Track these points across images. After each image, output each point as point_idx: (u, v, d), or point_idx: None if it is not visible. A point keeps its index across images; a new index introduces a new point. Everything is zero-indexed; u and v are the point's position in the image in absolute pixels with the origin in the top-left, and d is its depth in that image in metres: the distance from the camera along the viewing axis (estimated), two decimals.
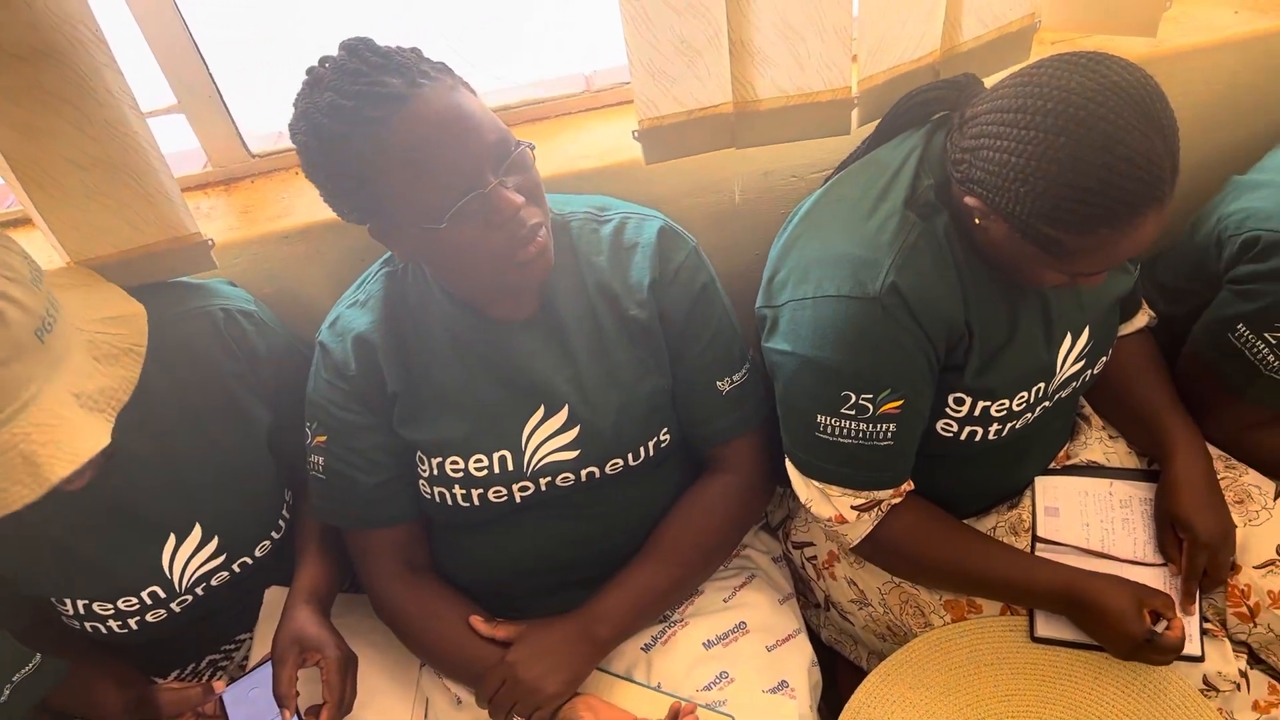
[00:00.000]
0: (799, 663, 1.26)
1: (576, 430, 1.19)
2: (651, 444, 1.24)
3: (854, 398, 1.11)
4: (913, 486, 1.22)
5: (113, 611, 1.23)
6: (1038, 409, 1.23)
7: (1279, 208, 1.23)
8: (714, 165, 1.40)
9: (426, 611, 1.24)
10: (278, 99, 1.12)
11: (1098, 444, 1.40)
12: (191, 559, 1.24)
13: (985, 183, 1.01)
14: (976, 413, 1.18)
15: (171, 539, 1.22)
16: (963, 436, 1.21)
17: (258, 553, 1.29)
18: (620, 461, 1.22)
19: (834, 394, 1.12)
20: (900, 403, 1.12)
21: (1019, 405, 1.20)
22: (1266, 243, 1.22)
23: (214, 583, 1.27)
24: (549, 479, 1.21)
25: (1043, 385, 1.21)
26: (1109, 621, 1.16)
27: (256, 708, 1.20)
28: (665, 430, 1.25)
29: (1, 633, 1.15)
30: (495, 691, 1.15)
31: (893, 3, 1.25)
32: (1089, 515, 1.32)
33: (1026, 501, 1.34)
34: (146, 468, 1.18)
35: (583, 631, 1.19)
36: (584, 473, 1.21)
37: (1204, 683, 1.21)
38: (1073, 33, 1.45)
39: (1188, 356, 1.37)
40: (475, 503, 1.21)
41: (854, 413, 1.12)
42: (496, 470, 1.19)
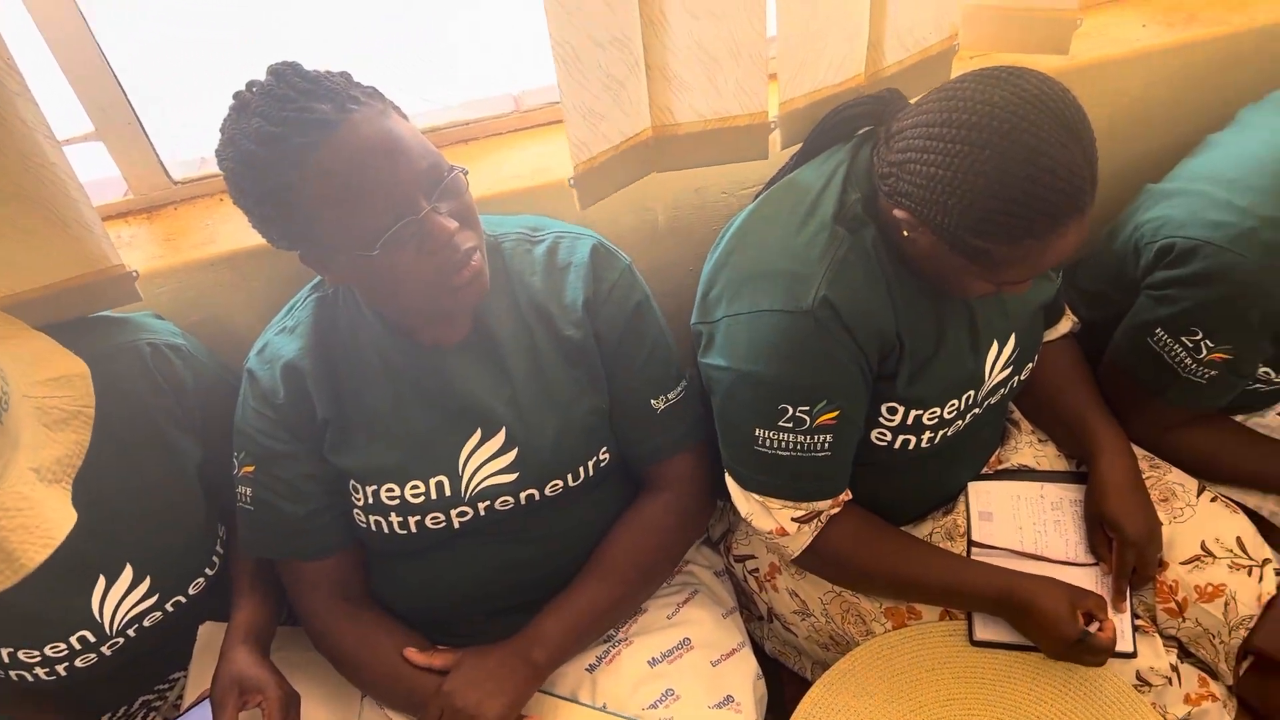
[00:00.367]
0: (744, 677, 1.27)
1: (515, 452, 1.18)
2: (591, 464, 1.23)
3: (791, 410, 1.13)
4: (851, 496, 1.24)
5: (39, 659, 1.18)
6: (968, 416, 1.26)
7: (1191, 215, 1.26)
8: (646, 184, 1.40)
9: (363, 643, 1.22)
10: (201, 124, 1.10)
11: (1028, 448, 1.43)
12: (123, 601, 1.20)
13: (913, 195, 1.03)
14: (909, 421, 1.20)
15: (101, 581, 1.18)
16: (897, 445, 1.23)
17: (192, 590, 1.26)
18: (560, 482, 1.22)
19: (771, 407, 1.13)
20: (836, 413, 1.13)
21: (950, 413, 1.22)
22: (1180, 249, 1.26)
23: (146, 623, 1.23)
24: (488, 503, 1.20)
25: (972, 393, 1.23)
26: (1043, 623, 1.18)
27: None
28: (604, 449, 1.24)
29: None
30: None
31: (811, 28, 1.27)
32: (1022, 518, 1.34)
33: (961, 507, 1.36)
34: (74, 509, 1.14)
35: (520, 655, 1.17)
36: (523, 495, 1.20)
37: (1137, 678, 1.24)
38: (990, 51, 1.48)
39: (1110, 361, 1.41)
40: (413, 530, 1.19)
41: (791, 425, 1.13)
42: (434, 496, 1.18)
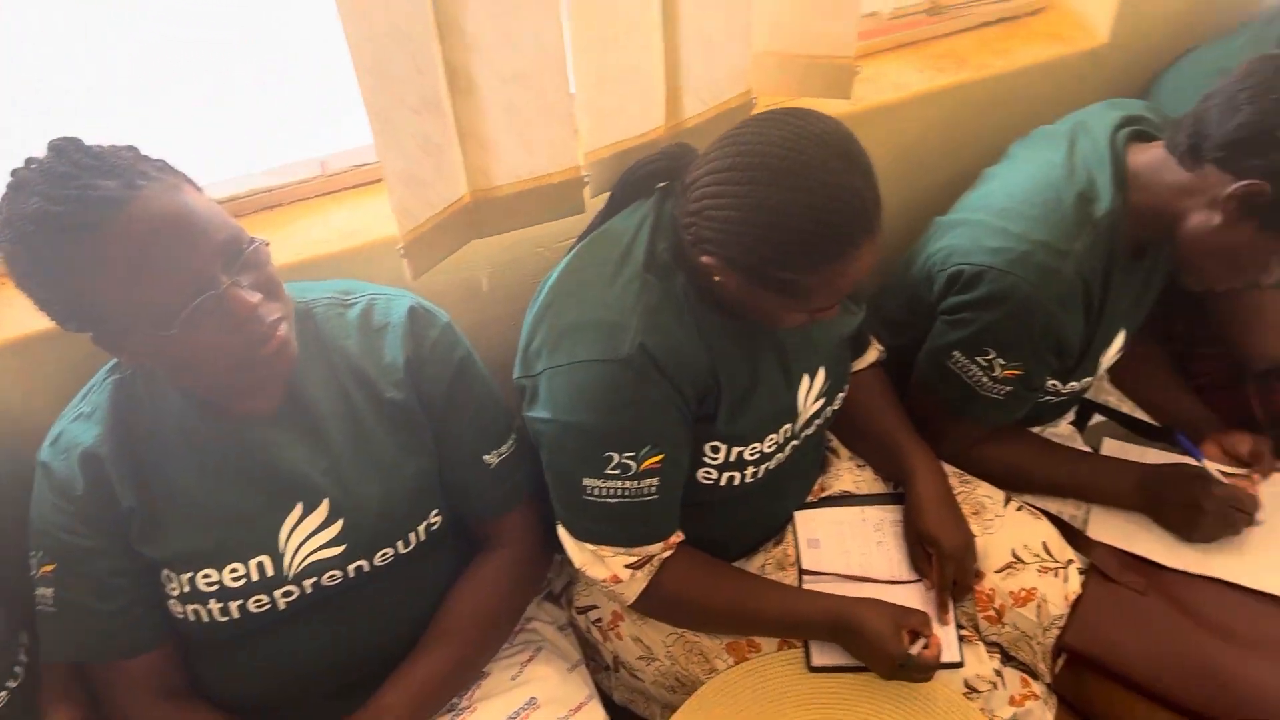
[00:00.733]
0: None
1: (340, 525, 1.14)
2: (422, 528, 1.20)
3: (616, 457, 1.14)
4: (683, 538, 1.25)
5: None
6: (788, 448, 1.30)
7: (974, 243, 1.35)
8: (465, 246, 1.40)
9: None
10: None
11: (848, 474, 1.49)
12: None
13: (715, 240, 1.07)
14: (732, 458, 1.24)
15: None
16: (722, 482, 1.26)
17: None
18: (390, 551, 1.18)
19: (597, 455, 1.14)
20: (661, 457, 1.15)
21: (770, 446, 1.26)
22: (968, 275, 1.34)
23: None
24: (314, 579, 1.15)
25: (789, 425, 1.27)
26: (871, 643, 1.22)
27: None
28: (435, 512, 1.22)
29: None
30: None
31: (609, 83, 1.31)
32: (847, 543, 1.39)
33: (789, 537, 1.40)
34: None
35: None
36: (352, 568, 1.16)
37: (966, 686, 1.29)
38: (778, 96, 1.56)
39: (915, 384, 1.48)
40: (235, 615, 1.13)
41: (618, 472, 1.14)
42: (255, 578, 1.12)
